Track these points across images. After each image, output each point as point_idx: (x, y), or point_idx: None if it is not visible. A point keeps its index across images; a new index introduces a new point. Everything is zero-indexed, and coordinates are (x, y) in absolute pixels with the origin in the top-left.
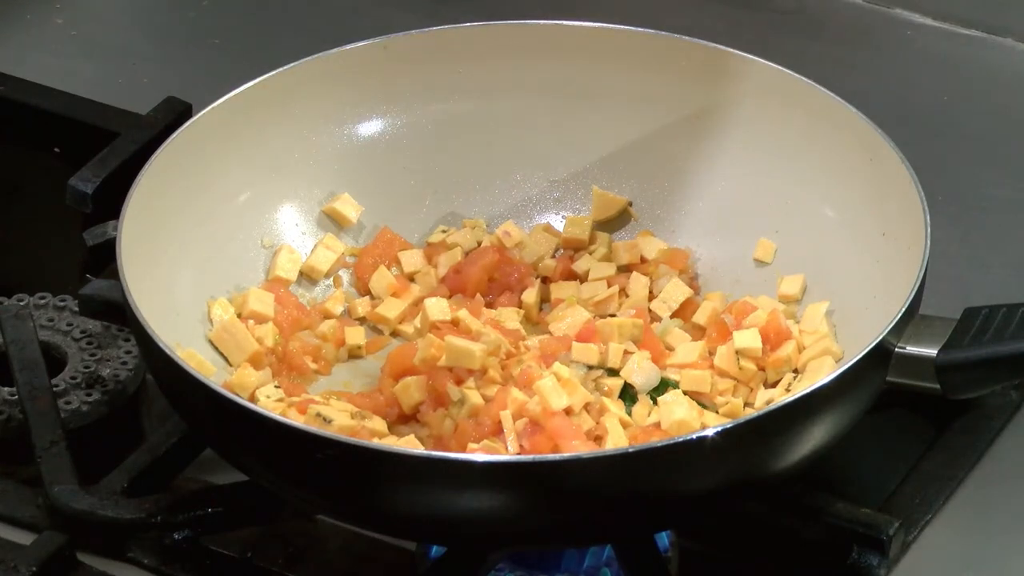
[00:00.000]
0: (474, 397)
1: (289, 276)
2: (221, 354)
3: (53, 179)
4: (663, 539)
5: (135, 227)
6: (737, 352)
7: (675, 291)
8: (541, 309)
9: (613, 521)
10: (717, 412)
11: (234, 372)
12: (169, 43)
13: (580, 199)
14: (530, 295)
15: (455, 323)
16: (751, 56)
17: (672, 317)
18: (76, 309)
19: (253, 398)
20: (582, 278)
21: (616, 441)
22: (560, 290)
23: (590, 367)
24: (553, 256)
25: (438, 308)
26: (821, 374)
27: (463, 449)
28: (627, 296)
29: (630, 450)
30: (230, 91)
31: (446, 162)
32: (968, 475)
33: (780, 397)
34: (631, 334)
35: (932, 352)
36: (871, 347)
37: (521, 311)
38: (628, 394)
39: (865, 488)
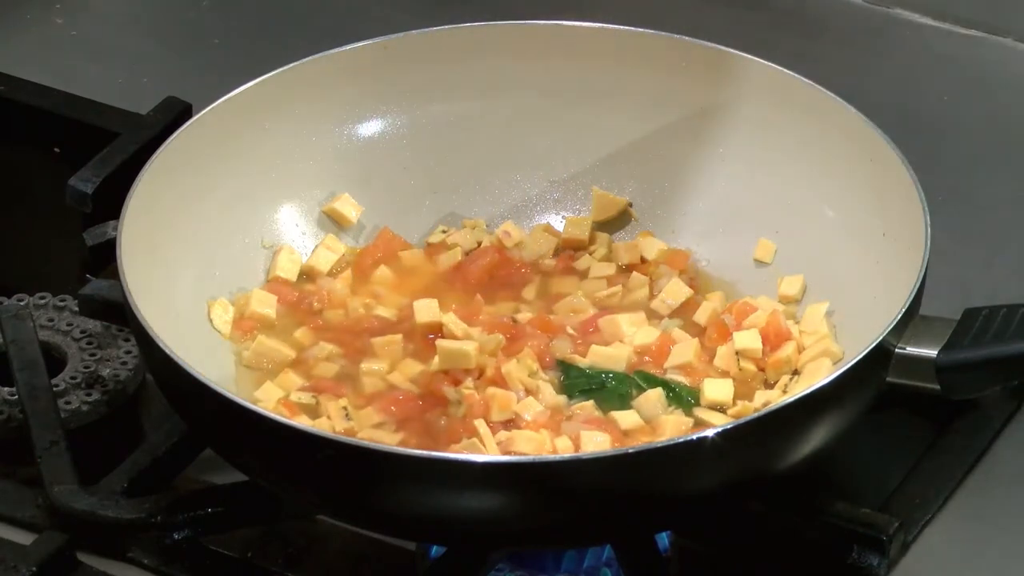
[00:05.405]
0: (472, 398)
1: (289, 276)
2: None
3: (53, 179)
4: (663, 539)
5: (135, 227)
6: (737, 353)
7: (675, 291)
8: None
9: (613, 521)
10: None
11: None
12: (169, 43)
13: (580, 199)
14: (530, 291)
15: (439, 327)
16: (751, 56)
17: (672, 317)
18: (76, 309)
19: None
20: (582, 276)
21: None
22: (561, 285)
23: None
24: (553, 256)
25: (427, 310)
26: (818, 376)
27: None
28: (628, 291)
29: (630, 450)
30: (230, 91)
31: (446, 162)
32: (968, 475)
33: (777, 398)
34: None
35: (932, 353)
36: (871, 347)
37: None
38: (620, 393)
39: (865, 488)
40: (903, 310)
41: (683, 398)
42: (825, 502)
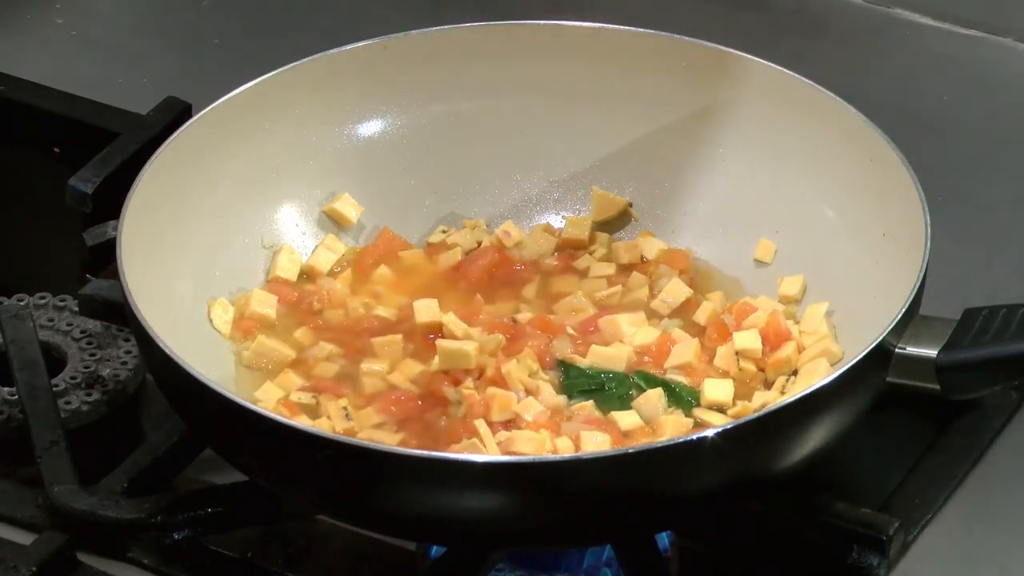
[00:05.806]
0: (472, 398)
1: (289, 276)
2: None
3: (53, 179)
4: (663, 539)
5: (135, 227)
6: (737, 353)
7: (675, 291)
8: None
9: (613, 521)
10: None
11: (274, 378)
12: (169, 43)
13: (580, 199)
14: (530, 290)
15: (439, 327)
16: (751, 56)
17: (672, 317)
18: (76, 309)
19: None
20: (582, 276)
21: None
22: (561, 284)
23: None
24: (553, 256)
25: (427, 310)
26: (815, 376)
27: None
28: (628, 291)
29: (630, 450)
30: (230, 91)
31: (446, 162)
32: (968, 475)
33: (775, 399)
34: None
35: (932, 353)
36: (871, 348)
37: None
38: (620, 394)
39: (865, 488)
40: (903, 310)
41: (683, 398)
42: (825, 502)
